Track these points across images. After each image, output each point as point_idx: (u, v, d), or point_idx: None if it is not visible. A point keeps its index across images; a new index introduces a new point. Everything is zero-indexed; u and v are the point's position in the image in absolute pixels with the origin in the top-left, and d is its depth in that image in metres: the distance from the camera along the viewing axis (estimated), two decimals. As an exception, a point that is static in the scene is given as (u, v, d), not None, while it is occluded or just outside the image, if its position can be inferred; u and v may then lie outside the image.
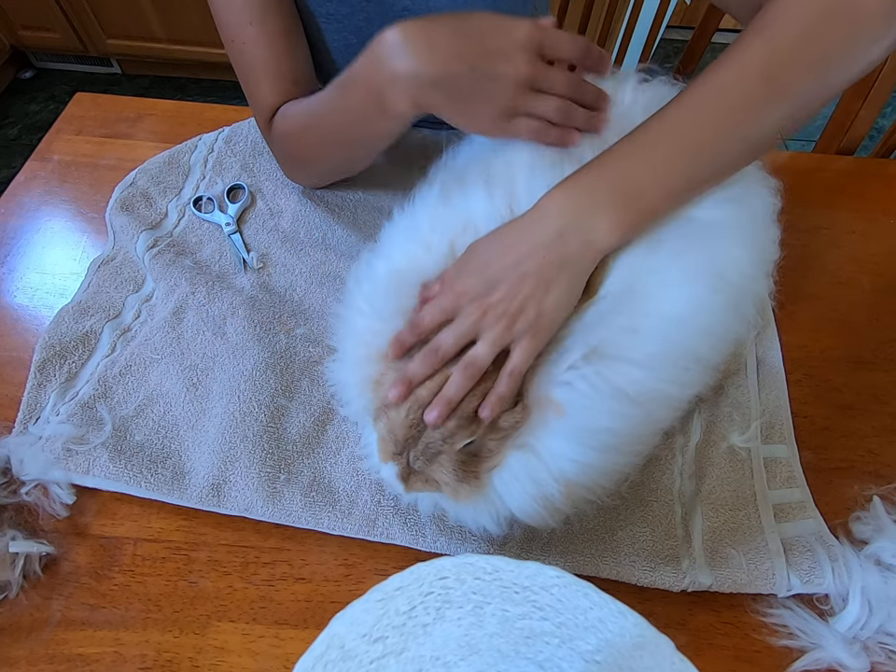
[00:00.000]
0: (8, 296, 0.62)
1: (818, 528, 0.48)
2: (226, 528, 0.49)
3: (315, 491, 0.49)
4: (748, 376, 0.57)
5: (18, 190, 0.71)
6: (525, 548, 0.47)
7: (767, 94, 0.41)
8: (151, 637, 0.44)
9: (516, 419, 0.39)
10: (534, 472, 0.39)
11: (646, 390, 0.39)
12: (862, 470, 0.53)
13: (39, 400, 0.53)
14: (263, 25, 0.59)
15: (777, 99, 0.41)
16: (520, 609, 0.33)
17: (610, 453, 0.40)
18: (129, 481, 0.49)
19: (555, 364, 0.39)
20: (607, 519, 0.49)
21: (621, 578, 0.46)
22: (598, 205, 0.41)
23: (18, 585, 0.45)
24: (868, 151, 0.91)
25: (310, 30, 0.64)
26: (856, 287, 0.65)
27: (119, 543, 0.48)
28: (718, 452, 0.52)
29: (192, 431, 0.52)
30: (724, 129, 0.42)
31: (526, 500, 0.39)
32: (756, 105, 0.41)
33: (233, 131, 0.75)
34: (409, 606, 0.33)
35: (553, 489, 0.39)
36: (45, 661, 0.43)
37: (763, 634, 0.44)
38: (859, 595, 0.44)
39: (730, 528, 0.48)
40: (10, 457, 0.49)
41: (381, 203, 0.69)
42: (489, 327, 0.40)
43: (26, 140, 2.03)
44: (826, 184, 0.75)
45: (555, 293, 0.40)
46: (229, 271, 0.64)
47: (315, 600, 0.46)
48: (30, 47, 2.13)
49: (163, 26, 1.98)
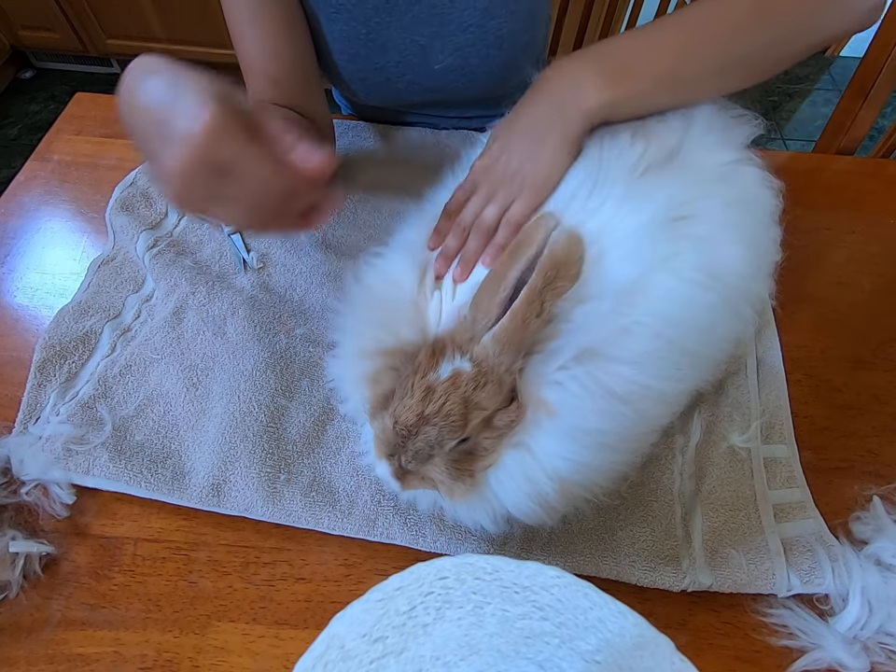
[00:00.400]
0: (8, 296, 0.62)
1: (818, 528, 0.48)
2: (226, 528, 0.49)
3: (315, 491, 0.49)
4: (748, 376, 0.57)
5: (18, 190, 0.71)
6: (524, 548, 0.47)
7: (755, 20, 0.47)
8: (151, 637, 0.44)
9: (511, 418, 0.39)
10: (528, 470, 0.39)
11: (636, 388, 0.40)
12: (862, 470, 0.53)
13: (39, 400, 0.53)
14: (251, 25, 0.60)
15: (764, 27, 0.47)
16: (520, 609, 0.33)
17: (604, 451, 0.40)
18: (129, 481, 0.49)
19: (546, 363, 0.39)
20: (607, 519, 0.49)
21: (621, 578, 0.46)
22: (587, 72, 0.46)
23: (18, 585, 0.45)
24: (868, 151, 0.91)
25: (319, 20, 0.65)
26: (856, 288, 0.65)
27: (119, 543, 0.48)
28: (718, 452, 0.52)
29: (192, 431, 0.52)
30: (710, 39, 0.48)
31: (522, 498, 0.39)
32: (743, 27, 0.47)
33: (233, 131, 0.75)
34: (409, 606, 0.33)
35: (547, 487, 0.39)
36: (45, 661, 0.43)
37: (763, 634, 0.44)
38: (859, 595, 0.44)
39: (730, 528, 0.48)
40: (10, 457, 0.49)
41: (381, 203, 0.69)
42: (494, 189, 0.46)
43: (26, 140, 2.03)
44: (826, 184, 0.75)
45: (548, 150, 0.45)
46: (229, 271, 0.64)
47: (314, 600, 0.46)
48: (30, 47, 2.13)
49: (163, 26, 1.97)
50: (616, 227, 0.43)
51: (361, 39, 0.65)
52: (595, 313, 0.40)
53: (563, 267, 0.38)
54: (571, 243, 0.39)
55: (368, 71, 0.68)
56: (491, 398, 0.39)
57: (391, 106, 0.77)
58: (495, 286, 0.39)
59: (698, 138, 0.47)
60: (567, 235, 0.39)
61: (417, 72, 0.68)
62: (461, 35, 0.65)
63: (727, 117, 0.51)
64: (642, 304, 0.41)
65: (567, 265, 0.38)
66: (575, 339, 0.39)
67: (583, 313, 0.40)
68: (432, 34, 0.65)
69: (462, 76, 0.69)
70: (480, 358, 0.38)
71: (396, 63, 0.67)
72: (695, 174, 0.45)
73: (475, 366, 0.38)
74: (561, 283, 0.38)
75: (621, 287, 0.41)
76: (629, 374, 0.39)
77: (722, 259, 0.44)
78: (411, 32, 0.65)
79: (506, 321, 0.38)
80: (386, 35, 0.65)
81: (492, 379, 0.38)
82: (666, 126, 0.47)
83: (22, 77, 2.24)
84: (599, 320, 0.40)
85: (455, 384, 0.38)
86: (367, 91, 0.71)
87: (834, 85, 2.32)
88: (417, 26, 0.64)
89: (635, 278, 0.41)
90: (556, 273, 0.38)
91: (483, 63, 0.68)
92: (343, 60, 0.67)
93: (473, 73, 0.69)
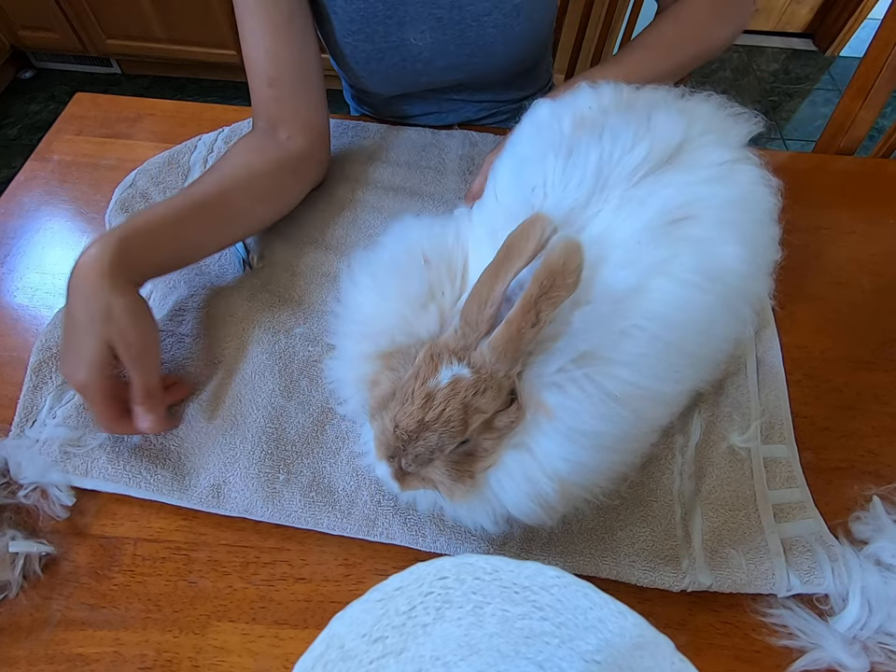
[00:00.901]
0: (8, 296, 0.62)
1: (817, 528, 0.48)
2: (226, 528, 0.49)
3: (315, 491, 0.49)
4: (748, 376, 0.57)
5: (18, 190, 0.71)
6: (524, 548, 0.47)
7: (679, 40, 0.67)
8: (151, 637, 0.44)
9: (511, 419, 0.39)
10: (528, 471, 0.39)
11: (634, 390, 0.39)
12: (862, 470, 0.53)
13: (35, 403, 0.53)
14: (252, 20, 0.60)
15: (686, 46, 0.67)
16: (520, 609, 0.33)
17: (604, 452, 0.40)
18: (128, 482, 0.49)
19: (545, 365, 0.39)
20: (606, 519, 0.49)
21: (621, 578, 0.46)
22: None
23: (18, 585, 0.45)
24: (868, 151, 0.91)
25: (320, 11, 0.65)
26: (856, 288, 0.65)
27: (119, 543, 0.48)
28: (718, 452, 0.52)
29: (192, 432, 0.52)
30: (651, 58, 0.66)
31: (522, 499, 0.39)
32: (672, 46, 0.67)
33: (233, 131, 0.75)
34: (409, 606, 0.33)
35: (547, 487, 0.39)
36: (45, 661, 0.43)
37: (763, 634, 0.44)
38: (858, 594, 0.44)
39: (730, 528, 0.48)
40: (8, 460, 0.49)
41: (381, 203, 0.69)
42: None
43: (26, 140, 2.03)
44: (826, 184, 0.75)
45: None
46: (228, 271, 0.63)
47: (315, 600, 0.46)
48: (30, 47, 2.13)
49: (163, 26, 1.98)
50: (615, 232, 0.43)
51: (379, 17, 0.65)
52: (594, 316, 0.40)
53: (559, 276, 0.36)
54: (569, 251, 0.36)
55: (385, 51, 0.68)
56: (491, 402, 0.38)
57: (412, 92, 0.77)
58: (482, 299, 0.38)
59: (698, 138, 0.47)
60: (564, 243, 0.36)
61: (435, 48, 0.69)
62: (479, 3, 0.66)
63: (726, 115, 0.52)
64: (640, 308, 0.41)
65: (564, 274, 0.36)
66: (573, 342, 0.39)
67: (582, 316, 0.40)
68: (450, 4, 0.66)
69: (480, 48, 0.69)
70: (478, 365, 0.38)
71: (413, 39, 0.68)
72: (694, 175, 0.45)
73: (474, 372, 0.38)
74: (557, 292, 0.36)
75: (620, 294, 0.41)
76: (627, 376, 0.39)
77: (721, 259, 0.44)
78: (429, 5, 0.66)
79: (501, 330, 0.37)
80: (404, 11, 0.66)
81: (491, 385, 0.38)
82: (670, 125, 0.47)
83: (22, 76, 2.24)
84: (597, 324, 0.40)
85: (454, 390, 0.38)
86: (383, 74, 0.71)
87: (834, 85, 2.32)
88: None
89: (634, 285, 0.41)
90: (552, 282, 0.36)
91: (501, 35, 0.68)
92: (360, 40, 0.68)
93: (491, 45, 0.69)
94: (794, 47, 2.46)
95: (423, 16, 0.66)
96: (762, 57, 2.42)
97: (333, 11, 0.66)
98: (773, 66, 2.39)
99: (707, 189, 0.45)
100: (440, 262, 0.45)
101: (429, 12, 0.66)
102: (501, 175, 0.50)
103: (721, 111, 0.52)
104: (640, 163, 0.44)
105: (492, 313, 0.38)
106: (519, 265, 0.37)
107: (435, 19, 0.67)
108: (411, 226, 0.49)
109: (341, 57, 0.71)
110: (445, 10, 0.66)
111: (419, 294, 0.43)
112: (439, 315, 0.43)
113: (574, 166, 0.45)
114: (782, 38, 2.48)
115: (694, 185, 0.45)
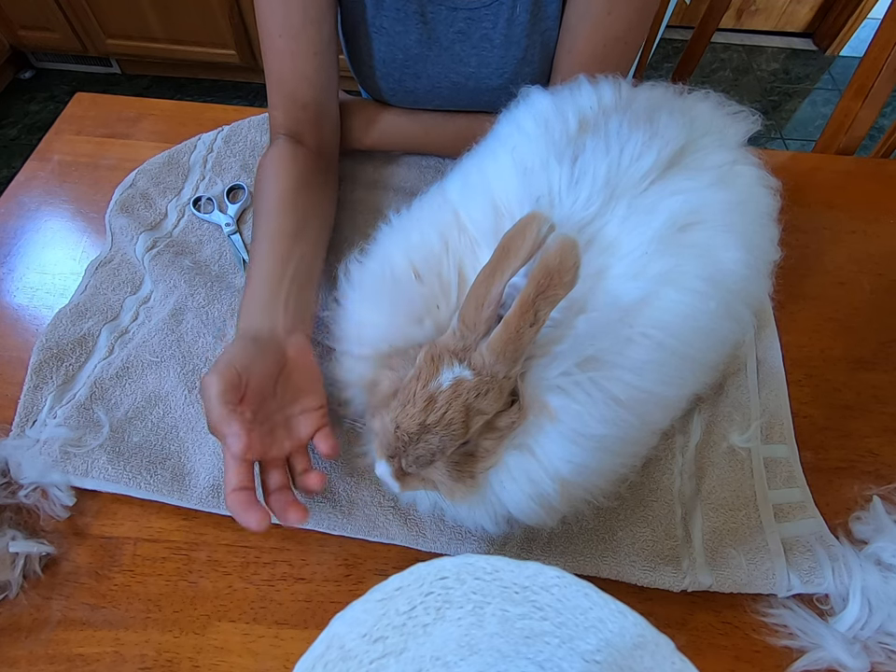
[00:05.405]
0: (8, 296, 0.62)
1: (818, 528, 0.48)
2: (226, 528, 0.49)
3: (315, 491, 0.49)
4: (748, 376, 0.57)
5: (18, 190, 0.71)
6: (525, 548, 0.47)
7: None
8: (151, 637, 0.44)
9: (512, 420, 0.39)
10: (530, 472, 0.39)
11: (638, 394, 0.40)
12: (862, 470, 0.53)
13: (36, 403, 0.53)
14: (291, 42, 0.59)
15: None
16: (520, 609, 0.33)
17: (606, 454, 0.40)
18: (128, 482, 0.49)
19: (548, 368, 0.39)
20: (607, 519, 0.49)
21: (621, 578, 0.46)
22: None
23: (18, 585, 0.45)
24: (868, 151, 0.91)
25: (358, 35, 0.65)
26: (856, 288, 0.65)
27: (119, 543, 0.48)
28: (718, 452, 0.52)
29: (192, 433, 0.52)
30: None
31: (523, 499, 0.39)
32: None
33: (233, 130, 0.75)
34: (409, 606, 0.33)
35: (549, 488, 0.39)
36: (45, 661, 0.43)
37: (763, 634, 0.44)
38: (859, 595, 0.44)
39: (730, 528, 0.48)
40: (8, 460, 0.49)
41: (381, 203, 0.69)
42: None
43: (26, 140, 2.03)
44: (826, 184, 0.75)
45: None
46: (228, 271, 0.63)
47: (315, 600, 0.46)
48: (30, 47, 2.13)
49: (163, 26, 1.97)
50: (623, 244, 0.43)
51: (397, 63, 0.66)
52: (600, 323, 0.40)
53: (556, 274, 0.35)
54: (565, 248, 0.35)
55: (398, 91, 0.69)
56: (492, 404, 0.38)
57: None
58: (479, 300, 0.38)
59: (699, 139, 0.47)
60: (560, 240, 0.35)
61: (446, 99, 0.70)
62: (496, 79, 0.66)
63: (724, 114, 0.51)
64: (647, 316, 0.41)
65: (561, 272, 0.35)
66: (578, 346, 0.39)
67: (587, 322, 0.40)
68: (468, 74, 0.66)
69: (492, 104, 0.69)
70: (478, 367, 0.38)
71: (426, 91, 0.68)
72: (697, 180, 0.45)
73: (476, 374, 0.38)
74: (554, 291, 0.35)
75: (628, 304, 0.41)
76: (632, 381, 0.39)
77: (722, 264, 0.44)
78: (447, 69, 0.66)
79: (500, 331, 0.37)
80: (422, 67, 0.66)
81: (493, 387, 0.38)
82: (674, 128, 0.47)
83: (22, 77, 2.24)
84: (603, 330, 0.40)
85: (456, 392, 0.38)
86: (394, 101, 0.72)
87: (834, 85, 2.32)
88: (455, 65, 0.65)
89: (642, 297, 0.41)
90: (549, 281, 0.35)
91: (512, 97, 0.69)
92: (381, 76, 0.68)
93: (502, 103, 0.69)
94: (794, 46, 2.46)
95: (439, 76, 0.67)
96: (762, 56, 2.42)
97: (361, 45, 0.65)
98: (773, 66, 2.39)
99: (711, 194, 0.45)
100: (430, 276, 0.44)
101: (446, 75, 0.66)
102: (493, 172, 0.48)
103: (719, 110, 0.52)
104: (648, 171, 0.44)
105: (489, 314, 0.38)
106: (516, 265, 0.36)
107: (451, 81, 0.67)
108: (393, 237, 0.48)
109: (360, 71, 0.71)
110: (462, 78, 0.66)
111: (414, 310, 0.43)
112: (435, 328, 0.43)
113: (583, 174, 0.45)
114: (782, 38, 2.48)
115: (698, 191, 0.45)
